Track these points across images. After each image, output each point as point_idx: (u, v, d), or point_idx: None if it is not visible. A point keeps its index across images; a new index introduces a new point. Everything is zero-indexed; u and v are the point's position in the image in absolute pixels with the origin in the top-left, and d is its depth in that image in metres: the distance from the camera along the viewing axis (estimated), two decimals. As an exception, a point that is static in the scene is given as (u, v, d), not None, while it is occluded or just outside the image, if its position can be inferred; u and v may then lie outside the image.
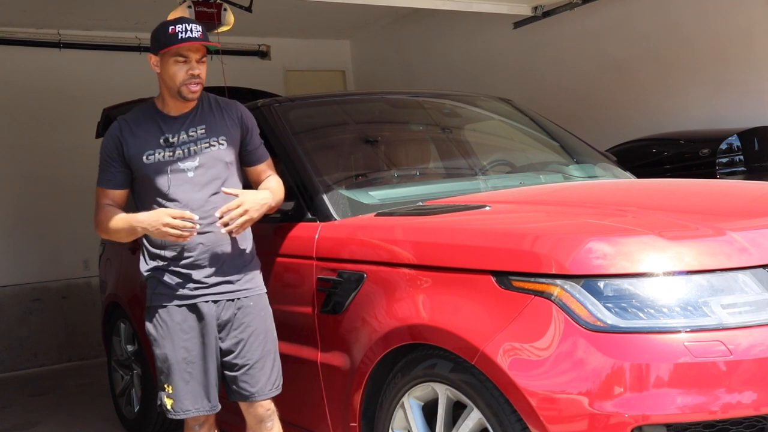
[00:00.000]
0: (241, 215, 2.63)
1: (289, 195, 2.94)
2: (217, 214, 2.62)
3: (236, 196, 2.67)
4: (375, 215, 2.91)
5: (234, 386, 2.78)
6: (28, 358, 7.43)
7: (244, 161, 2.89)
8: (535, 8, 6.86)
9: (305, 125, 3.51)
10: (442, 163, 3.82)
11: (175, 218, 2.57)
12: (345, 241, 2.81)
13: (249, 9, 5.90)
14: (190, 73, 2.68)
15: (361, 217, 2.93)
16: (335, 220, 2.93)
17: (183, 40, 2.65)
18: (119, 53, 7.92)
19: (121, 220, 2.75)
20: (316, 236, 2.90)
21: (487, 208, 2.73)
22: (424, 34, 8.33)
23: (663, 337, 1.97)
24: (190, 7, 5.62)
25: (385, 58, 8.96)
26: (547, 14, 6.88)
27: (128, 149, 2.75)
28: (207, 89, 2.92)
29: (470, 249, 2.34)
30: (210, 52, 2.79)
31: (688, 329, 1.97)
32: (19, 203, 7.48)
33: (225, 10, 5.77)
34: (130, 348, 4.60)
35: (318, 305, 2.84)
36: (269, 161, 2.95)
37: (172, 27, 2.66)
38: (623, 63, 6.46)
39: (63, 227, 7.62)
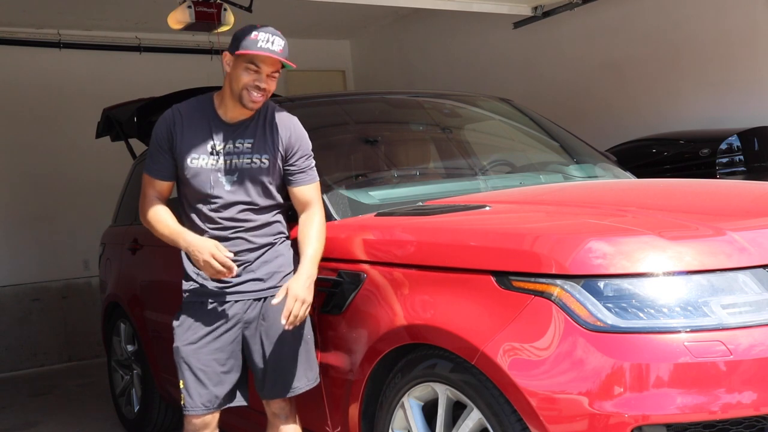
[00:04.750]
0: (301, 306, 2.58)
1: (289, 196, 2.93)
2: (283, 321, 2.56)
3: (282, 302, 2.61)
4: (375, 215, 2.91)
5: (255, 383, 2.81)
6: (28, 358, 7.43)
7: (287, 181, 2.81)
8: (535, 8, 6.87)
9: (305, 125, 3.50)
10: (442, 163, 3.81)
11: (217, 259, 2.58)
12: (345, 241, 2.80)
13: (249, 9, 5.90)
14: (256, 84, 2.64)
15: (361, 217, 2.93)
16: (335, 220, 2.93)
17: (260, 49, 2.60)
18: (119, 53, 7.93)
19: (168, 228, 2.72)
20: (316, 236, 2.90)
21: (487, 208, 2.73)
22: (424, 34, 8.33)
23: (663, 337, 1.97)
24: (190, 7, 5.62)
25: (385, 58, 8.96)
26: (547, 14, 6.88)
27: (177, 144, 2.73)
28: (207, 89, 2.91)
29: (470, 249, 2.34)
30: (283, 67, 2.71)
31: (688, 329, 1.97)
32: (19, 203, 7.49)
33: (225, 10, 5.77)
34: (130, 348, 4.60)
35: (318, 305, 2.83)
36: (314, 186, 2.82)
37: (256, 33, 2.61)
38: (623, 63, 6.46)
39: (63, 227, 7.63)
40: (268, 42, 2.61)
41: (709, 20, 5.84)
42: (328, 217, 2.93)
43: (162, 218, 2.75)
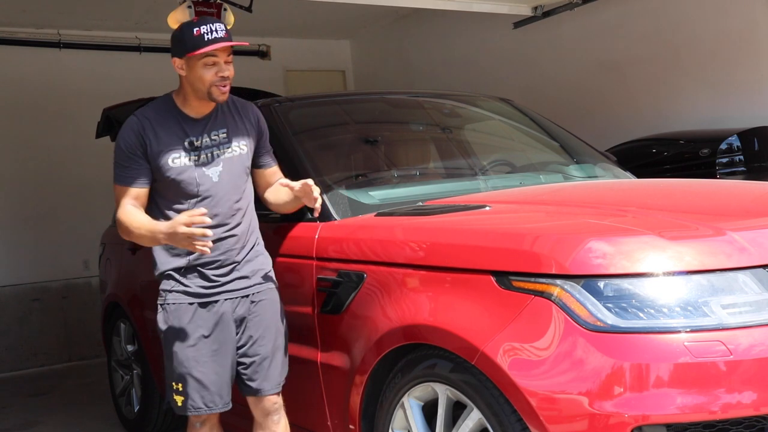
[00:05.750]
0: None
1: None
2: (316, 194, 2.63)
3: (294, 188, 2.70)
4: (375, 215, 2.91)
5: (244, 381, 2.80)
6: (28, 358, 7.42)
7: (257, 164, 2.88)
8: (535, 8, 6.86)
9: (305, 125, 3.51)
10: (442, 163, 3.82)
11: (188, 225, 2.44)
12: (345, 241, 2.81)
13: (249, 9, 5.90)
14: (220, 75, 2.65)
15: (361, 217, 2.93)
16: (335, 220, 2.93)
17: (210, 42, 2.59)
18: (119, 53, 7.92)
19: (145, 228, 2.62)
20: (316, 236, 2.90)
21: (487, 208, 2.73)
22: (424, 34, 8.33)
23: (663, 337, 1.97)
24: (190, 7, 5.61)
25: (385, 58, 8.96)
26: (547, 14, 6.88)
27: (152, 148, 2.68)
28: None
29: (470, 249, 2.34)
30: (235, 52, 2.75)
31: (688, 329, 1.97)
32: (19, 203, 7.48)
33: (225, 10, 5.76)
34: (130, 348, 4.60)
35: (318, 305, 2.84)
36: (277, 166, 2.96)
37: (197, 29, 2.60)
38: (623, 63, 6.46)
39: (63, 227, 7.62)
40: (212, 32, 2.61)
41: (709, 20, 5.84)
42: (328, 217, 2.93)
43: (140, 221, 2.65)
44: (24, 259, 7.51)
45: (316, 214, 2.75)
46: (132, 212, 2.68)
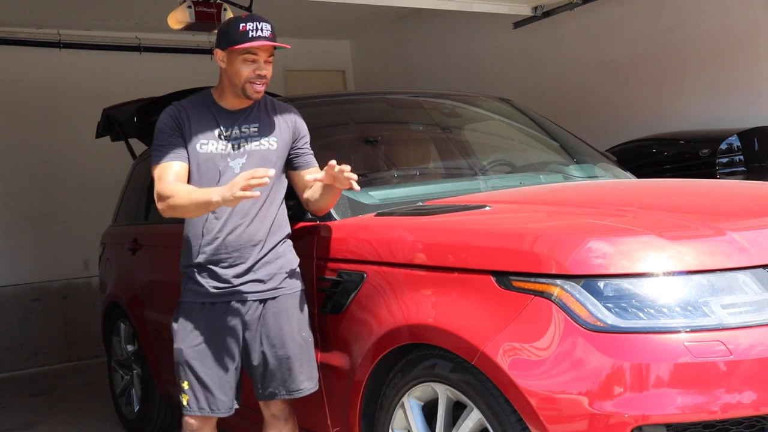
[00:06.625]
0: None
1: (288, 194, 2.94)
2: (347, 169, 2.53)
3: (321, 179, 2.65)
4: (375, 215, 2.91)
5: (253, 384, 2.81)
6: (28, 358, 7.43)
7: (293, 165, 2.85)
8: (535, 8, 6.87)
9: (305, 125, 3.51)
10: (442, 163, 3.81)
11: (246, 187, 2.38)
12: (345, 241, 2.80)
13: (249, 9, 5.90)
14: (257, 73, 2.68)
15: (361, 217, 2.93)
16: (335, 220, 2.93)
17: (253, 39, 2.64)
18: (119, 53, 7.93)
19: (196, 191, 2.59)
20: (316, 236, 2.90)
21: (487, 208, 2.73)
22: (424, 34, 8.33)
23: (663, 337, 1.97)
24: (190, 7, 5.63)
25: (385, 58, 8.96)
26: (547, 14, 6.88)
27: (185, 132, 2.73)
28: (206, 89, 2.92)
29: (470, 249, 2.34)
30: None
31: (688, 329, 1.97)
32: (19, 203, 7.48)
33: (225, 10, 5.78)
34: (130, 348, 4.60)
35: (318, 305, 2.84)
36: (317, 168, 2.87)
37: (243, 24, 2.64)
38: (623, 63, 6.46)
39: (63, 227, 7.63)
40: (258, 30, 2.65)
41: (710, 20, 5.84)
42: (328, 216, 2.93)
43: (188, 187, 2.65)
44: (24, 259, 7.51)
45: (357, 188, 2.61)
46: (176, 183, 2.67)
